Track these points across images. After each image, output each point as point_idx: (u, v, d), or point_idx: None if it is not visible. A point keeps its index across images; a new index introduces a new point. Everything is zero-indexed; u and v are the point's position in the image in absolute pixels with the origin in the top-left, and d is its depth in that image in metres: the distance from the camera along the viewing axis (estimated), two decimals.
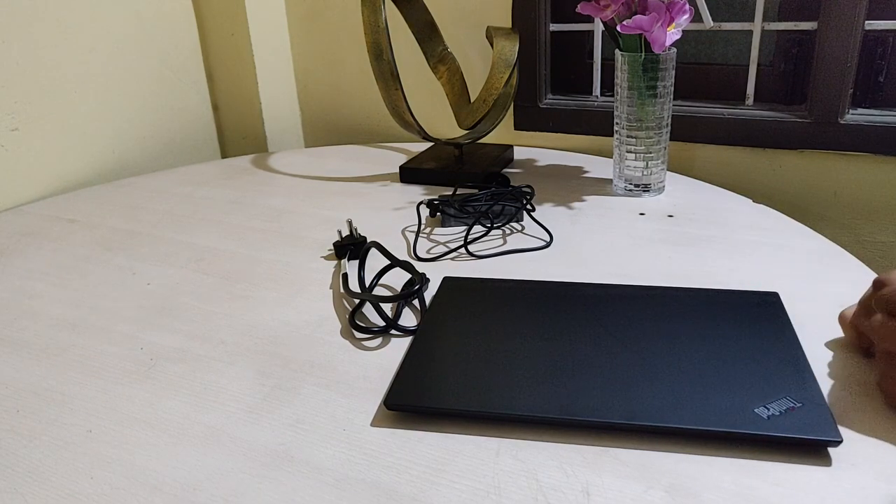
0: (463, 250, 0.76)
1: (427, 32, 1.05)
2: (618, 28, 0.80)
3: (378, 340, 0.60)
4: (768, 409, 0.46)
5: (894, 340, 0.47)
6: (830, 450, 0.45)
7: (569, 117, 1.09)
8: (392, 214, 0.88)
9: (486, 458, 0.46)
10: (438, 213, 0.84)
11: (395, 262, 0.72)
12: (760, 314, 0.58)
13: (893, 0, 0.88)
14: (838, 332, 0.57)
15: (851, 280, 0.66)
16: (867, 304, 0.51)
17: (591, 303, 0.61)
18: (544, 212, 0.86)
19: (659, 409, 0.47)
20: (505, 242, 0.78)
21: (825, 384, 0.51)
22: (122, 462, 0.48)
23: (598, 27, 1.07)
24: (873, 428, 0.47)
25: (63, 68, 1.04)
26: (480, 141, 1.05)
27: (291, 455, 0.48)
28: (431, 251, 0.77)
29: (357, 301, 0.66)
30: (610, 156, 1.07)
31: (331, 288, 0.70)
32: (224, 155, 1.33)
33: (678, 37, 0.80)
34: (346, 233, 0.81)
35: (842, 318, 0.55)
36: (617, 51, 0.84)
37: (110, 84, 1.11)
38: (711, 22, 0.82)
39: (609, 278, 0.68)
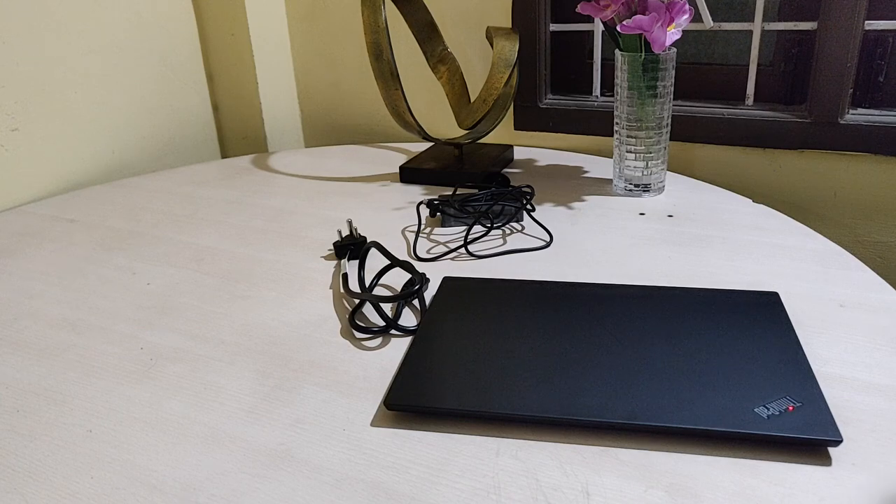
0: (463, 250, 0.76)
1: (427, 32, 1.05)
2: (618, 28, 0.80)
3: (378, 340, 0.60)
4: (768, 409, 0.46)
5: None
6: (830, 450, 0.45)
7: (569, 117, 1.09)
8: (392, 214, 0.88)
9: (486, 458, 0.46)
10: (438, 213, 0.84)
11: (395, 262, 0.72)
12: (760, 314, 0.58)
13: (893, 0, 0.88)
14: (838, 332, 0.57)
15: (851, 280, 0.66)
16: None
17: (591, 303, 0.61)
18: (544, 212, 0.86)
19: (659, 408, 0.47)
20: (505, 242, 0.78)
21: (825, 384, 0.51)
22: (122, 462, 0.48)
23: (598, 27, 1.07)
24: (873, 428, 0.47)
25: (63, 68, 1.04)
26: (480, 141, 1.05)
27: (291, 455, 0.48)
28: (431, 251, 0.77)
29: (357, 301, 0.66)
30: (610, 156, 1.07)
31: (331, 288, 0.70)
32: (224, 155, 1.33)
33: (678, 37, 0.80)
34: (346, 233, 0.81)
35: None
36: (617, 51, 0.84)
37: (110, 84, 1.11)
38: (711, 22, 0.82)
39: (609, 278, 0.68)
